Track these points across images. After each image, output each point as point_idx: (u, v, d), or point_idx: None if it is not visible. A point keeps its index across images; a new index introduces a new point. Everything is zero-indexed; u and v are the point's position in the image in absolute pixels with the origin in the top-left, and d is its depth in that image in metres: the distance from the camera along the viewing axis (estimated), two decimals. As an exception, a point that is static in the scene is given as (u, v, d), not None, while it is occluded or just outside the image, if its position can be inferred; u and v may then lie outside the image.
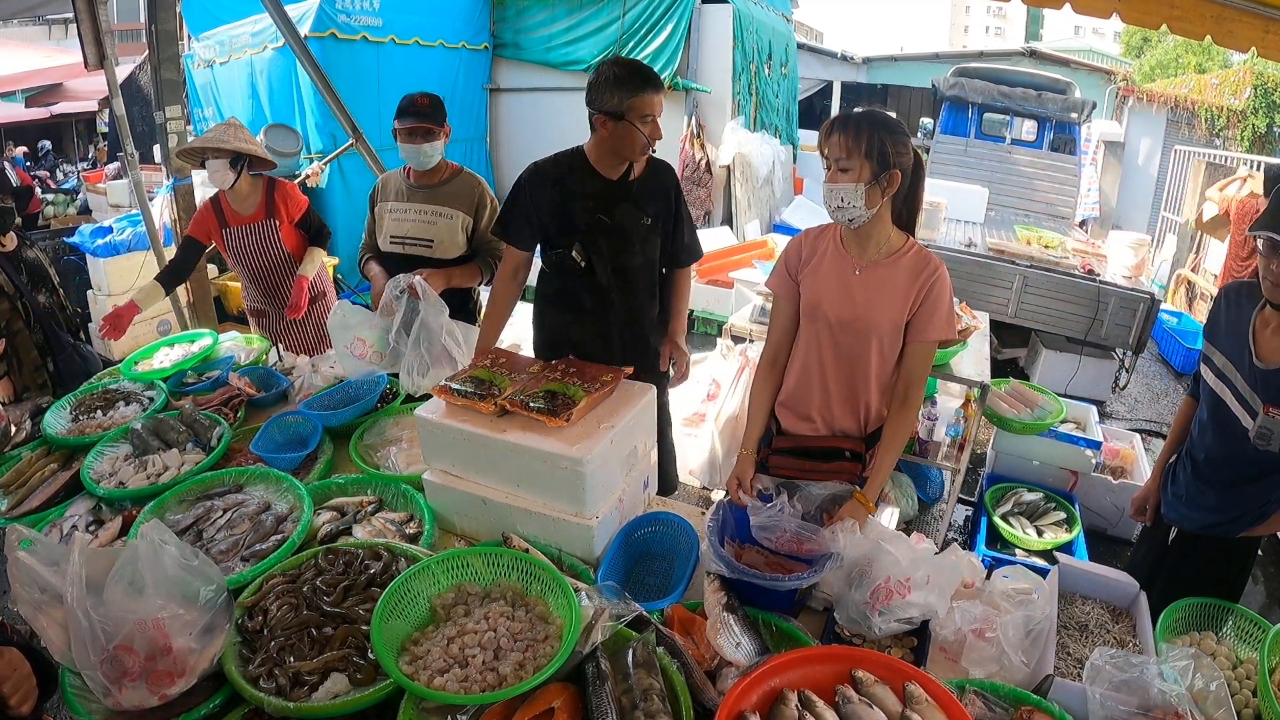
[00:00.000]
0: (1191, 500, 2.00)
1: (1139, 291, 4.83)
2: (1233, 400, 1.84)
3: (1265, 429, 1.73)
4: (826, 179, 1.74)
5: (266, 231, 2.97)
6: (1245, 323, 1.83)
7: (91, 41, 3.56)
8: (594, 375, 1.87)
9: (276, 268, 3.03)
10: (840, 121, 1.71)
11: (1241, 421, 1.81)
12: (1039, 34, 30.45)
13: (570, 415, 1.67)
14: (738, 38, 7.01)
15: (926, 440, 3.23)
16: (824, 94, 13.22)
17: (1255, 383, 1.77)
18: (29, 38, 15.13)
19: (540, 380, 1.85)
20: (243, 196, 2.95)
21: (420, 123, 2.52)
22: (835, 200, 1.73)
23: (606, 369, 1.91)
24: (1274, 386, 1.73)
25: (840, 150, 1.68)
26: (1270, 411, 1.72)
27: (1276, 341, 1.76)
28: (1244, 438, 1.79)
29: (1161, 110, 10.81)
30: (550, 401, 1.73)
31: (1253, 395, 1.77)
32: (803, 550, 1.61)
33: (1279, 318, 1.76)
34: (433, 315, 2.34)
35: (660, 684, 1.24)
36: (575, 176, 2.17)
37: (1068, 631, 1.61)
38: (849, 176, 1.68)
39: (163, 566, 1.34)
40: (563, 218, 2.19)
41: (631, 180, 2.21)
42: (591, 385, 1.80)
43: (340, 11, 5.85)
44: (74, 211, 7.86)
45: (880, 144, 1.66)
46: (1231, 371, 1.84)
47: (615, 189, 2.19)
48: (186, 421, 2.20)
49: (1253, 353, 1.79)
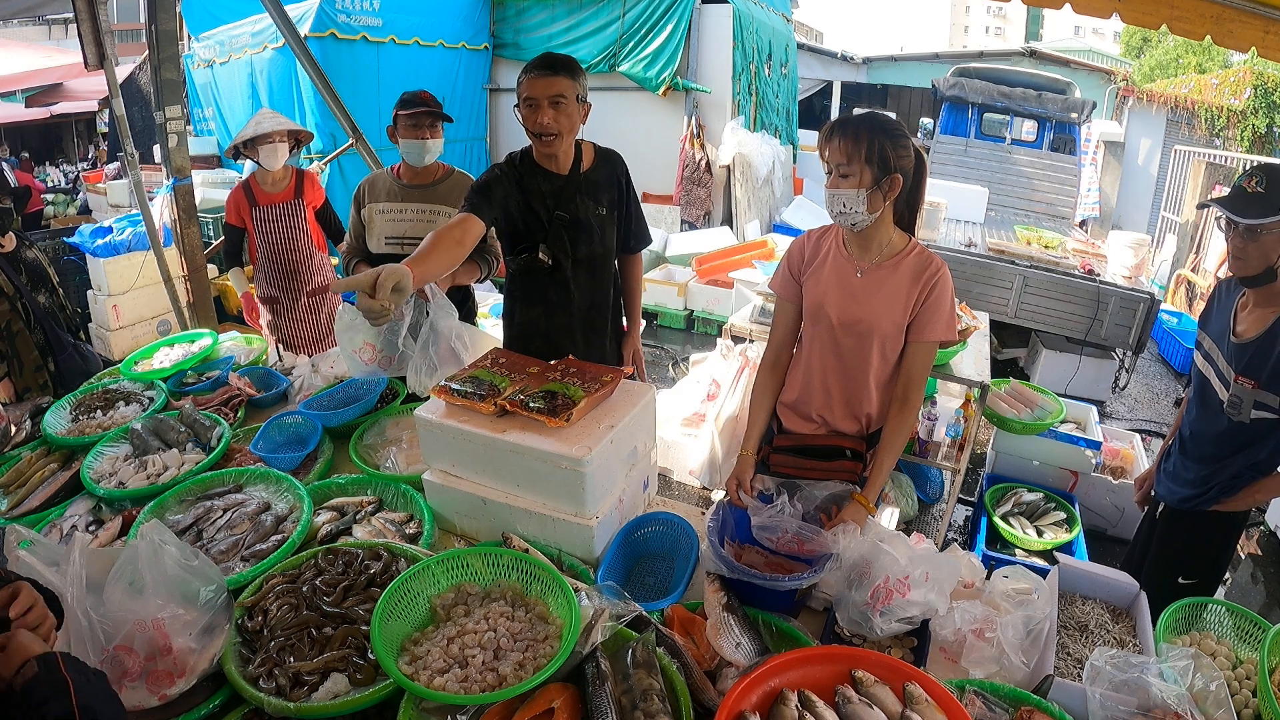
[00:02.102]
0: (1176, 475, 2.08)
1: (1139, 291, 4.83)
2: (1214, 377, 1.92)
3: (1236, 397, 1.84)
4: (828, 184, 1.74)
5: (294, 211, 3.27)
6: (1231, 307, 1.94)
7: (91, 41, 3.56)
8: (594, 375, 1.87)
9: (299, 248, 3.28)
10: (840, 126, 1.70)
11: (1219, 395, 1.87)
12: (1039, 34, 30.47)
13: (570, 415, 1.67)
14: (738, 38, 7.02)
15: (926, 440, 3.23)
16: (824, 94, 13.23)
17: (1231, 357, 1.84)
18: (29, 38, 15.13)
19: (540, 380, 1.85)
20: (276, 180, 3.25)
21: (425, 108, 2.53)
22: (837, 206, 1.73)
23: (606, 369, 1.91)
24: (1246, 356, 1.82)
25: (841, 156, 1.68)
26: (1240, 379, 1.81)
27: (1252, 318, 1.86)
28: (1220, 410, 1.88)
29: (1161, 110, 10.82)
30: (550, 401, 1.72)
31: (1228, 369, 1.84)
32: (803, 550, 1.61)
33: (1255, 296, 1.86)
34: (442, 317, 2.33)
35: (660, 684, 1.24)
36: (530, 177, 2.19)
37: (1068, 631, 1.61)
38: (850, 182, 1.68)
39: (163, 566, 1.34)
40: (528, 215, 2.21)
41: (583, 172, 2.23)
42: (591, 385, 1.80)
43: (340, 11, 5.86)
44: (74, 211, 7.86)
45: (880, 148, 1.66)
46: (1215, 351, 1.95)
47: (568, 183, 2.21)
48: (186, 421, 2.20)
49: (1232, 329, 1.89)
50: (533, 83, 2.03)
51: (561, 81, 2.03)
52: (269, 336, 3.38)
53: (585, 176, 2.24)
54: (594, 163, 2.27)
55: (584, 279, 2.31)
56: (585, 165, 2.25)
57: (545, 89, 2.02)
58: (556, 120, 2.05)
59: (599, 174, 2.27)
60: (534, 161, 2.20)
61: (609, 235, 2.31)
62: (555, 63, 2.05)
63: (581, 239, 2.23)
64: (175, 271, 4.24)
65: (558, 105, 2.04)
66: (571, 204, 2.21)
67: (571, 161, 2.22)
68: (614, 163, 2.32)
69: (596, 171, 2.26)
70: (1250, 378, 1.81)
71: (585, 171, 2.24)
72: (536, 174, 2.20)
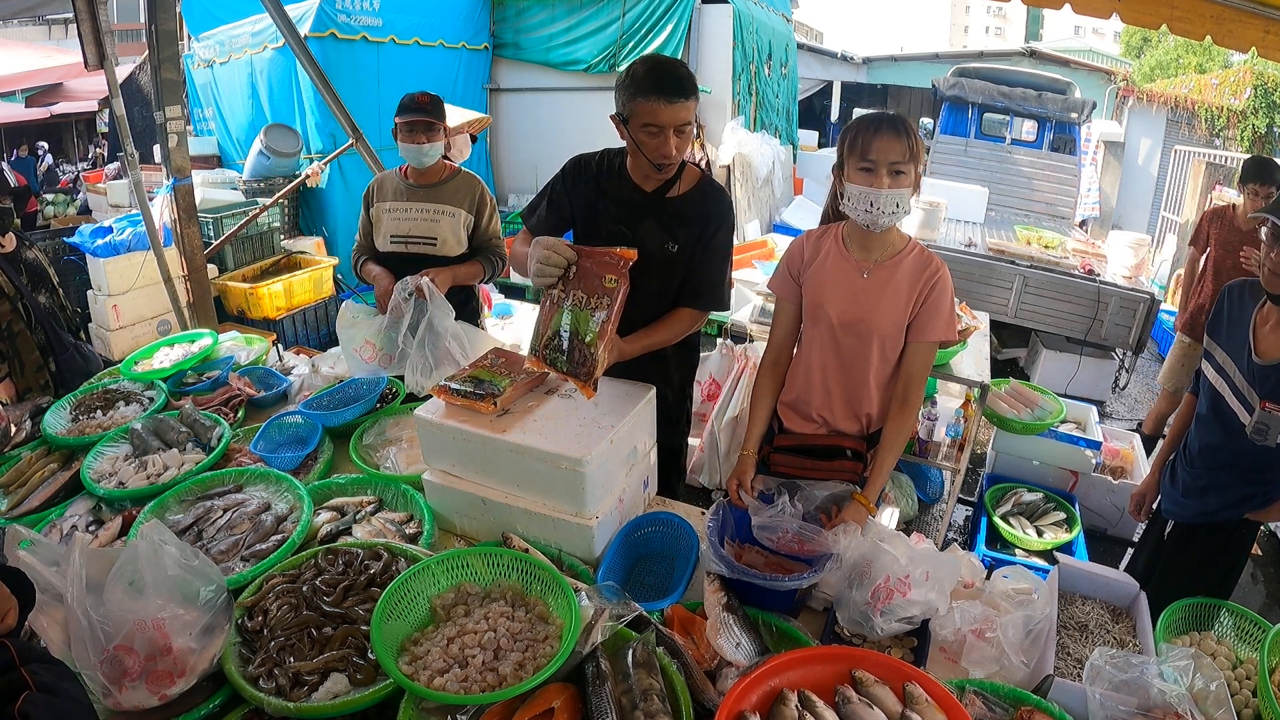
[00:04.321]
0: (1188, 491, 2.01)
1: (1139, 291, 4.83)
2: (1230, 395, 1.85)
3: (1262, 424, 1.74)
4: (874, 183, 1.63)
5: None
6: (1246, 319, 1.85)
7: (91, 41, 3.56)
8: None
9: None
10: (888, 123, 1.64)
11: (1239, 417, 1.82)
12: (1039, 34, 30.50)
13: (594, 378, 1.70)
14: (738, 38, 7.01)
15: (926, 440, 3.23)
16: (824, 94, 13.24)
17: (1253, 378, 1.78)
18: (29, 38, 15.13)
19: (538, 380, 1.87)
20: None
21: (421, 116, 2.52)
22: (890, 206, 1.64)
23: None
24: (1271, 382, 1.74)
25: (897, 154, 1.62)
26: (1267, 407, 1.73)
27: (1275, 337, 1.77)
28: (1241, 433, 1.80)
29: (1161, 110, 10.81)
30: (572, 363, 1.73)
31: (1250, 391, 1.78)
32: (803, 550, 1.61)
33: (1279, 314, 1.76)
34: (439, 317, 2.33)
35: (660, 684, 1.24)
36: (611, 179, 1.99)
37: (1068, 631, 1.61)
38: (905, 180, 1.65)
39: (163, 567, 1.34)
40: (590, 217, 2.03)
41: (670, 197, 1.96)
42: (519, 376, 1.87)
43: (340, 11, 5.85)
44: (74, 211, 7.86)
45: (919, 150, 1.66)
46: (1231, 367, 1.85)
47: (646, 203, 1.96)
48: (186, 421, 2.20)
49: (1251, 348, 1.80)
50: (659, 109, 1.73)
51: (690, 106, 1.76)
52: None
53: (669, 203, 1.96)
54: (689, 192, 1.97)
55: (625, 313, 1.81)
56: (677, 190, 1.97)
57: (674, 116, 1.75)
58: (680, 148, 1.81)
59: (688, 207, 1.96)
60: (624, 167, 1.99)
61: (671, 277, 1.99)
62: (685, 85, 1.74)
63: (636, 266, 1.75)
64: (175, 271, 4.24)
65: (683, 133, 1.79)
66: (640, 225, 1.95)
67: (662, 182, 1.95)
68: (714, 201, 1.98)
69: (687, 202, 1.96)
70: (1278, 403, 1.73)
71: (673, 197, 1.96)
72: (620, 179, 1.98)
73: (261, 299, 4.83)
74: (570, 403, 1.82)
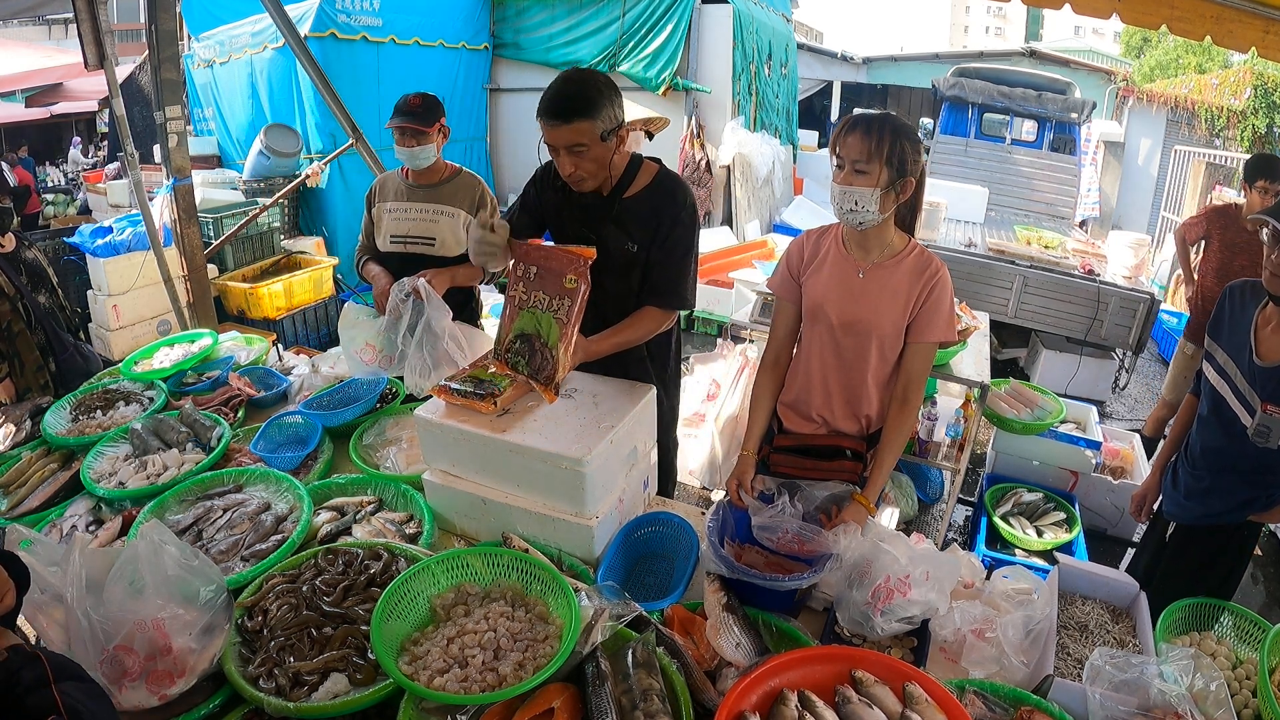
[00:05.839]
0: (1190, 493, 2.01)
1: (1139, 291, 4.83)
2: (1232, 397, 1.84)
3: (1264, 426, 1.74)
4: (839, 179, 1.68)
5: None
6: (1248, 321, 1.85)
7: (91, 41, 3.56)
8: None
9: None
10: (862, 122, 1.66)
11: (1240, 419, 1.81)
12: (1039, 34, 30.51)
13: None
14: (738, 38, 7.01)
15: (926, 440, 3.23)
16: (824, 94, 13.24)
17: (1254, 380, 1.77)
18: (29, 38, 15.13)
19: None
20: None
21: (408, 123, 2.50)
22: (848, 203, 1.68)
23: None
24: (1272, 384, 1.74)
25: (859, 152, 1.64)
26: (1269, 409, 1.73)
27: (1277, 339, 1.77)
28: (1243, 435, 1.80)
29: (1161, 110, 10.81)
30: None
31: (1251, 393, 1.78)
32: (803, 551, 1.61)
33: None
34: (437, 318, 2.33)
35: (660, 684, 1.24)
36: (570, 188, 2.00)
37: (1068, 632, 1.61)
38: (865, 180, 1.65)
39: (162, 567, 1.34)
40: (557, 222, 2.09)
41: (625, 198, 1.97)
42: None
43: (340, 11, 5.85)
44: (74, 211, 7.86)
45: (901, 150, 1.64)
46: (1232, 369, 1.85)
47: (603, 206, 1.98)
48: (186, 421, 2.20)
49: (1253, 350, 1.80)
50: (546, 130, 1.78)
51: (577, 128, 1.75)
52: None
53: (622, 203, 1.96)
54: (642, 191, 1.98)
55: (590, 314, 1.85)
56: (631, 190, 1.97)
57: (559, 138, 1.77)
58: (580, 167, 1.83)
59: (642, 205, 1.96)
60: None
61: (633, 277, 2.01)
62: (565, 109, 1.74)
63: (599, 266, 1.83)
64: (175, 271, 4.24)
65: (578, 153, 1.80)
66: (601, 228, 1.97)
67: (616, 184, 1.96)
68: (665, 198, 1.97)
69: (640, 201, 1.97)
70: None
71: (627, 198, 1.96)
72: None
73: (261, 299, 4.84)
74: (570, 403, 1.82)
